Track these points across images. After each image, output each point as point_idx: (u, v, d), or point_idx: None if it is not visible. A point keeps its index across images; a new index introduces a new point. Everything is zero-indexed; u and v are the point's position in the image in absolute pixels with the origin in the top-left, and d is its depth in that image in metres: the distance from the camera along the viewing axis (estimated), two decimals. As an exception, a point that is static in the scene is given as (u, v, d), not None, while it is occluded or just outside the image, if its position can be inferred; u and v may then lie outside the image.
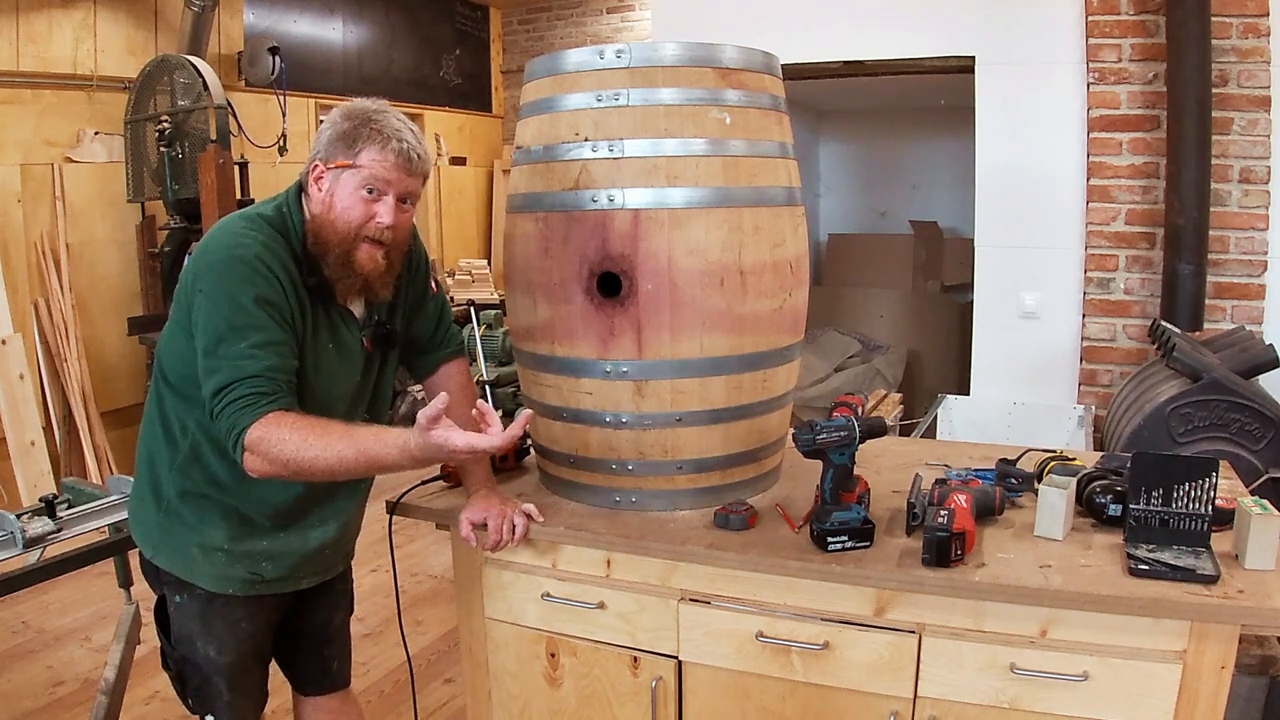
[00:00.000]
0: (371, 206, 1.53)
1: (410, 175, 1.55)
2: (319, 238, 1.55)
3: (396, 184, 1.54)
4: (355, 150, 1.52)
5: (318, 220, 1.55)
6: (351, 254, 1.54)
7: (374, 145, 1.51)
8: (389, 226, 1.54)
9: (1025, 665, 1.47)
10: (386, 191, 1.53)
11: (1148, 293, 3.66)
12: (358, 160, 1.52)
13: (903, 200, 7.13)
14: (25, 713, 2.79)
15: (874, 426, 1.61)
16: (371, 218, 1.53)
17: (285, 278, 1.51)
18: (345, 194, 1.53)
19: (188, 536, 1.64)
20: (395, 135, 1.52)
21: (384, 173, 1.52)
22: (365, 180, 1.52)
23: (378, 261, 1.56)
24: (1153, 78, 3.54)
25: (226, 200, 4.56)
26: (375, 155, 1.51)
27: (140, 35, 5.15)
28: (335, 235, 1.53)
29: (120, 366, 5.05)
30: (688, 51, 1.69)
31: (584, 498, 1.87)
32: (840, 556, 1.58)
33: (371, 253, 1.55)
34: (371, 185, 1.52)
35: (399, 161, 1.52)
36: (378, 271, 1.57)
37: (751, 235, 1.72)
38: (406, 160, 1.53)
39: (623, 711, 1.77)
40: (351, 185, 1.53)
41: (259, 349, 1.44)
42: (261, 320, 1.45)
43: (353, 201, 1.53)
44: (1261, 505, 1.52)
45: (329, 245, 1.54)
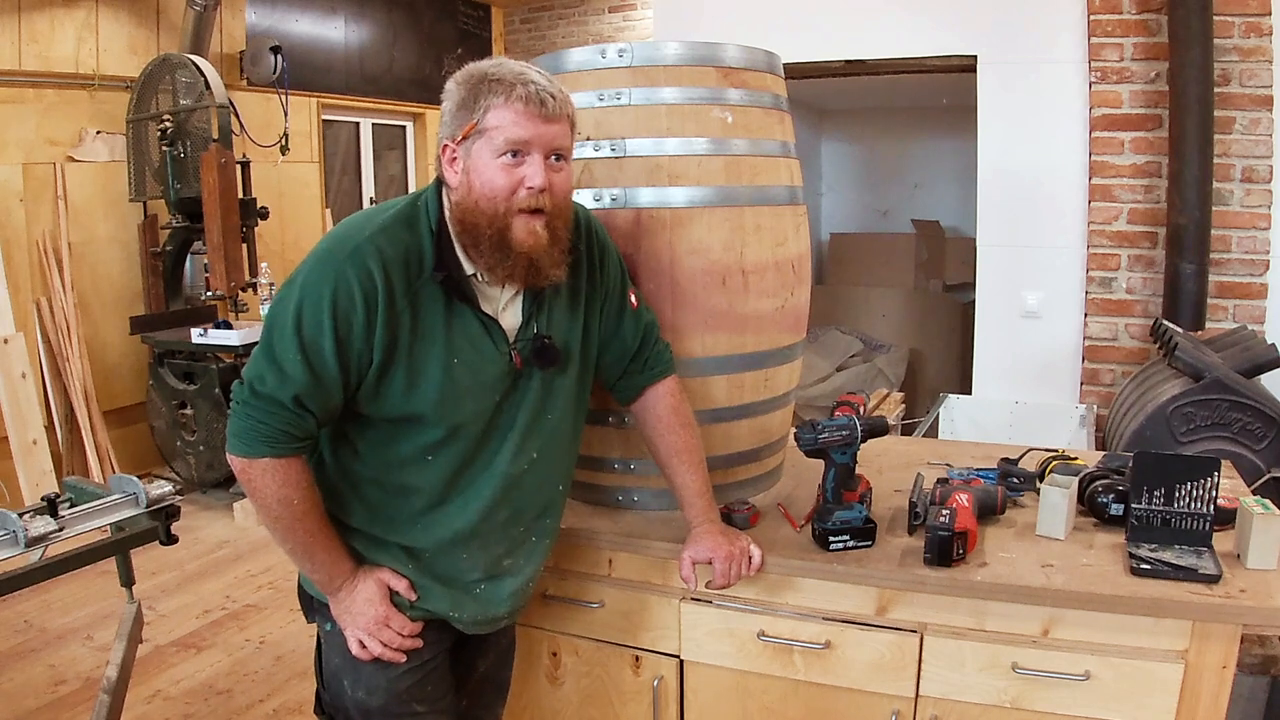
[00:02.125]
0: (515, 172, 1.31)
1: (549, 121, 1.31)
2: (466, 225, 1.33)
3: (536, 138, 1.30)
4: (478, 113, 1.30)
5: (461, 206, 1.33)
6: (506, 232, 1.31)
7: (497, 99, 1.29)
8: (542, 189, 1.31)
9: (1027, 665, 1.47)
10: (528, 150, 1.31)
11: (1149, 292, 3.66)
12: (485, 123, 1.30)
13: (904, 199, 7.13)
14: (27, 712, 2.79)
15: (876, 426, 1.61)
16: (519, 184, 1.31)
17: (382, 289, 1.30)
18: (482, 166, 1.31)
19: None
20: (518, 80, 1.29)
21: (517, 129, 1.29)
22: (500, 144, 1.30)
23: (538, 234, 1.33)
24: (1155, 77, 3.54)
25: (228, 200, 4.56)
26: (502, 111, 1.29)
27: (142, 34, 5.16)
28: (483, 216, 1.31)
29: (122, 365, 5.06)
30: (689, 51, 1.68)
31: (585, 496, 1.87)
32: (842, 556, 1.58)
33: (529, 225, 1.32)
34: (509, 148, 1.30)
35: (530, 110, 1.29)
36: (541, 246, 1.33)
37: (753, 234, 1.72)
38: (540, 105, 1.29)
39: (624, 711, 1.78)
40: (486, 153, 1.31)
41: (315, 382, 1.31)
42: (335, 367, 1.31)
43: (492, 172, 1.30)
44: (1263, 505, 1.52)
45: (479, 229, 1.32)
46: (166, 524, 2.18)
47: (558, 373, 1.48)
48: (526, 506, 1.51)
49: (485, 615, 1.53)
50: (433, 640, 1.51)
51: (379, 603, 1.43)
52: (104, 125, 4.95)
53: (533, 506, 1.52)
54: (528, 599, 1.62)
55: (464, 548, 1.47)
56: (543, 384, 1.46)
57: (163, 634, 3.29)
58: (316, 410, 1.33)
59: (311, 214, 6.18)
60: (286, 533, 1.37)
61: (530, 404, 1.45)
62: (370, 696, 1.48)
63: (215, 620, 3.42)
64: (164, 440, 4.81)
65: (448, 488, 1.44)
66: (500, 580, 1.52)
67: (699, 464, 1.62)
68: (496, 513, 1.47)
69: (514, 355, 1.42)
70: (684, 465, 1.61)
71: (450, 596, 1.49)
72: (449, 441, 1.40)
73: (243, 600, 3.59)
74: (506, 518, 1.49)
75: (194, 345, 4.50)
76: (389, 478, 1.44)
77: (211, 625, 3.38)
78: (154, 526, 2.16)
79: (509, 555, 1.52)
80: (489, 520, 1.47)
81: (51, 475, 4.35)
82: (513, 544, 1.52)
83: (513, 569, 1.53)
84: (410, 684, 1.50)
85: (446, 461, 1.42)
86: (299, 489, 1.35)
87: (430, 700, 1.53)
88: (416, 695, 1.50)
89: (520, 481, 1.48)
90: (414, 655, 1.49)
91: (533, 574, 1.59)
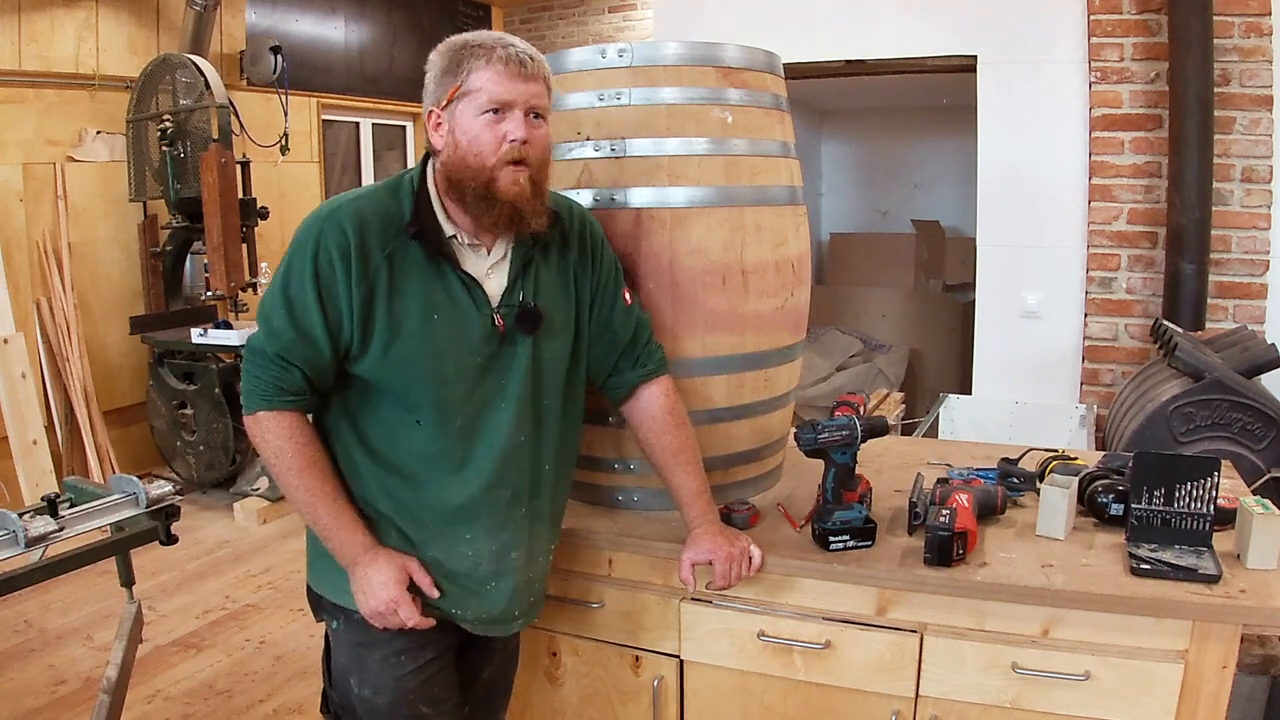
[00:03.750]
0: (499, 127, 1.37)
1: (528, 80, 1.38)
2: (453, 181, 1.40)
3: (517, 95, 1.37)
4: (462, 76, 1.38)
5: (448, 165, 1.40)
6: (492, 184, 1.38)
7: (479, 62, 1.37)
8: (524, 140, 1.38)
9: (1027, 665, 1.47)
10: (510, 107, 1.37)
11: (1149, 292, 3.66)
12: (468, 85, 1.37)
13: (904, 199, 7.13)
14: (27, 711, 2.79)
15: (876, 426, 1.61)
16: (502, 139, 1.37)
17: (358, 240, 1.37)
18: (466, 124, 1.38)
19: None
20: (498, 44, 1.38)
21: (498, 88, 1.36)
22: (483, 103, 1.37)
23: (522, 184, 1.39)
24: (1155, 77, 3.54)
25: (228, 199, 4.56)
26: (484, 72, 1.36)
27: (142, 34, 5.16)
28: (469, 171, 1.38)
29: (122, 365, 5.05)
30: (689, 51, 1.68)
31: (585, 496, 1.87)
32: (842, 556, 1.58)
33: (513, 175, 1.39)
34: (491, 105, 1.37)
35: (510, 69, 1.36)
36: (525, 195, 1.40)
37: (753, 234, 1.72)
38: (520, 65, 1.37)
39: (624, 711, 1.78)
40: (470, 113, 1.38)
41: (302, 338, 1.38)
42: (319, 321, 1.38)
43: (477, 128, 1.38)
44: (1263, 505, 1.52)
45: (465, 184, 1.39)
46: (166, 524, 2.18)
47: (547, 341, 1.50)
48: (525, 485, 1.51)
49: (491, 614, 1.53)
50: (438, 640, 1.51)
51: (392, 586, 1.42)
52: (104, 125, 4.95)
53: (532, 485, 1.52)
54: (538, 603, 1.62)
55: (466, 527, 1.47)
56: (533, 354, 1.48)
57: (163, 634, 3.29)
58: (303, 365, 1.40)
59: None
60: (286, 487, 1.42)
61: (520, 373, 1.47)
62: (376, 695, 1.49)
63: (215, 620, 3.42)
64: (164, 440, 4.81)
65: (442, 457, 1.44)
66: (504, 577, 1.52)
67: (696, 464, 1.62)
68: (498, 489, 1.47)
69: (496, 318, 1.45)
70: (681, 466, 1.61)
71: (454, 593, 1.49)
72: (435, 405, 1.42)
73: (243, 600, 3.59)
74: (509, 498, 1.49)
75: (194, 345, 4.50)
76: (383, 446, 1.45)
77: (211, 625, 3.38)
78: (154, 526, 2.16)
79: (515, 546, 1.52)
80: (490, 498, 1.47)
81: (51, 475, 4.35)
82: (516, 530, 1.51)
83: (517, 564, 1.53)
84: (416, 684, 1.50)
85: (436, 426, 1.43)
86: (292, 442, 1.40)
87: (436, 701, 1.53)
88: (423, 696, 1.51)
89: (517, 456, 1.48)
90: (420, 655, 1.49)
91: (538, 574, 1.59)
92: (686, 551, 1.57)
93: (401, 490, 1.46)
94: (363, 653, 1.50)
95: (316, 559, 1.54)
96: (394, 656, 1.48)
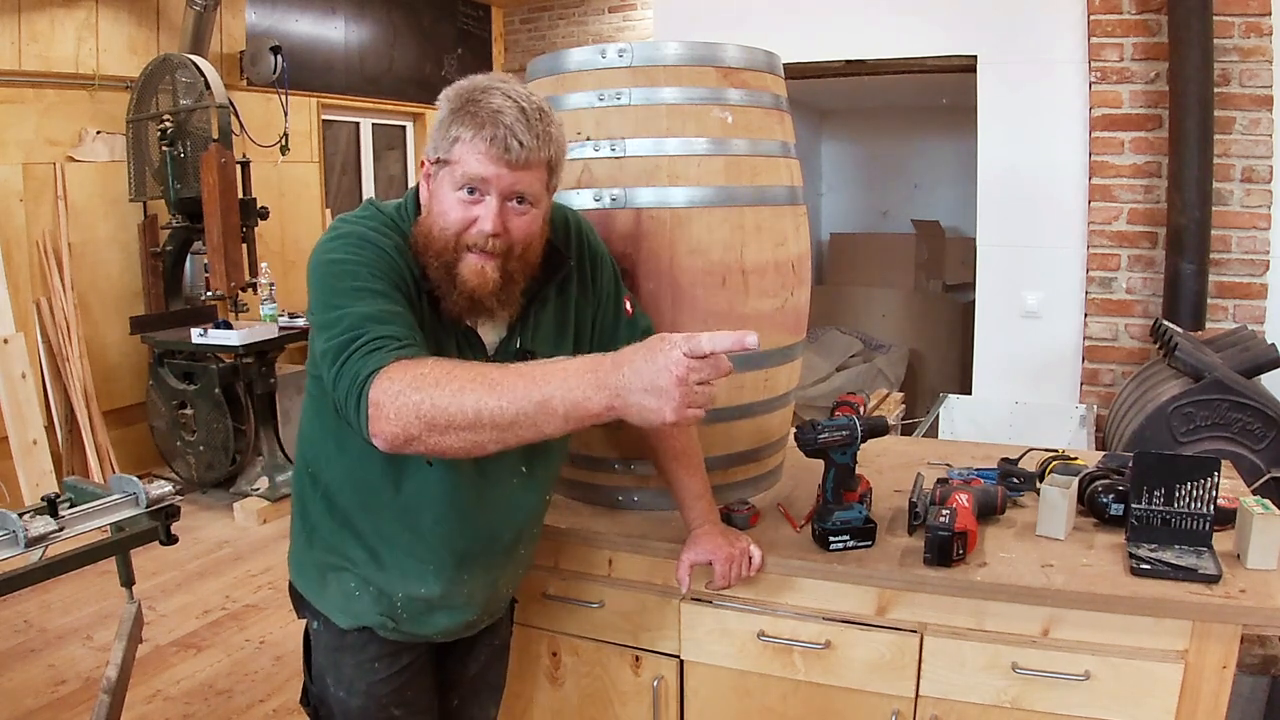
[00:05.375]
0: (471, 209, 1.26)
1: (514, 168, 1.24)
2: (419, 246, 1.30)
3: (496, 179, 1.24)
4: (451, 141, 1.26)
5: (421, 228, 1.30)
6: (454, 267, 1.27)
7: (467, 132, 1.24)
8: (494, 234, 1.25)
9: (1027, 665, 1.47)
10: (486, 191, 1.26)
11: (1149, 292, 3.66)
12: (451, 154, 1.25)
13: (904, 199, 7.13)
14: (27, 711, 2.79)
15: (876, 426, 1.61)
16: (471, 223, 1.26)
17: (402, 262, 1.28)
18: (443, 195, 1.27)
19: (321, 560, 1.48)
20: (492, 119, 1.23)
21: (477, 166, 1.24)
22: (460, 179, 1.25)
23: (485, 275, 1.27)
24: (1155, 77, 3.54)
25: (228, 200, 4.56)
26: (467, 145, 1.24)
27: (142, 34, 5.16)
28: (435, 244, 1.28)
29: (122, 365, 5.05)
30: (689, 51, 1.68)
31: (585, 496, 1.87)
32: (842, 556, 1.58)
33: (478, 264, 1.27)
34: (466, 183, 1.25)
35: (492, 151, 1.23)
36: (486, 287, 1.28)
37: (753, 234, 1.72)
38: (504, 149, 1.23)
39: (624, 711, 1.77)
40: (448, 184, 1.27)
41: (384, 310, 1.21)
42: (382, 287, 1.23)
43: (450, 204, 1.27)
44: (1263, 505, 1.52)
45: (430, 256, 1.28)
46: (166, 524, 2.18)
47: None
48: (527, 525, 1.52)
49: (455, 623, 1.50)
50: (414, 647, 1.51)
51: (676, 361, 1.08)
52: (104, 125, 4.95)
53: (532, 524, 1.53)
54: (502, 600, 1.60)
55: (468, 568, 1.44)
56: None
57: (163, 634, 3.29)
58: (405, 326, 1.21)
59: (311, 214, 6.18)
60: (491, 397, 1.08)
61: None
62: (350, 697, 1.48)
63: (215, 620, 3.42)
64: (164, 440, 4.81)
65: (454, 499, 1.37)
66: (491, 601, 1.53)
67: (698, 465, 1.63)
68: (501, 534, 1.46)
69: None
70: (683, 467, 1.61)
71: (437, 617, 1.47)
72: None
73: (243, 600, 3.60)
74: (510, 540, 1.48)
75: (194, 345, 4.50)
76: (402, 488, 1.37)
77: (211, 625, 3.38)
78: (154, 526, 2.16)
79: (504, 576, 1.53)
80: (494, 542, 1.46)
81: (51, 475, 4.34)
82: (513, 566, 1.53)
83: (502, 585, 1.54)
84: (389, 690, 1.49)
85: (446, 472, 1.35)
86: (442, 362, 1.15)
87: (409, 705, 1.51)
88: (395, 700, 1.49)
89: (517, 500, 1.47)
90: (395, 661, 1.48)
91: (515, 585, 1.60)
92: (686, 552, 1.57)
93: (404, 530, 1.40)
94: (338, 656, 1.48)
95: (300, 556, 1.52)
96: (369, 662, 1.47)
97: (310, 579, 1.51)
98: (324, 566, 1.48)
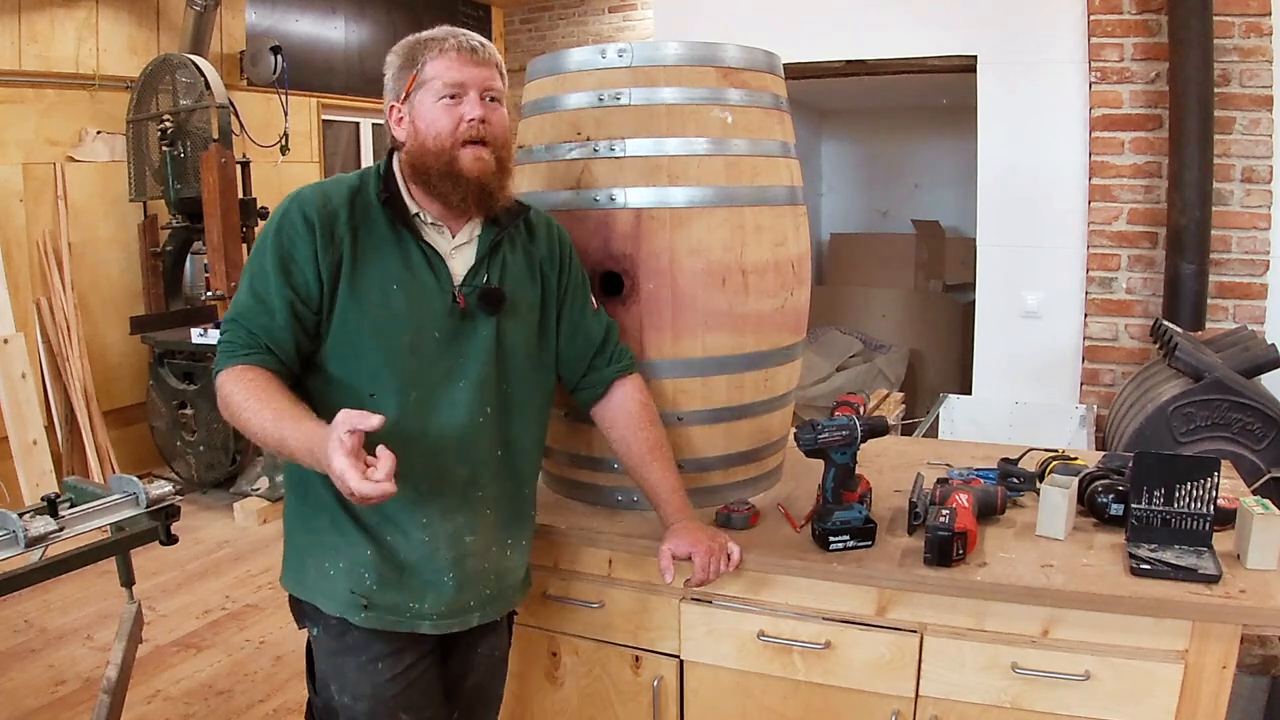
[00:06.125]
0: (455, 110, 1.44)
1: (480, 65, 1.45)
2: (417, 168, 1.46)
3: (471, 80, 1.44)
4: (417, 67, 1.45)
5: (411, 153, 1.46)
6: (455, 164, 1.44)
7: (432, 53, 1.44)
8: (481, 119, 1.44)
9: (1027, 665, 1.47)
10: (465, 90, 1.44)
11: (1150, 292, 3.66)
12: (424, 75, 1.44)
13: (904, 199, 7.13)
14: (27, 711, 2.79)
15: (876, 426, 1.61)
16: (460, 120, 1.44)
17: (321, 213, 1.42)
18: (426, 111, 1.44)
19: (298, 541, 1.52)
20: (449, 35, 1.45)
21: (453, 72, 1.43)
22: (439, 89, 1.43)
23: (485, 161, 1.45)
24: (1155, 77, 3.54)
25: (229, 199, 4.56)
26: (438, 61, 1.43)
27: (142, 34, 5.16)
28: (431, 155, 1.44)
29: (122, 365, 5.06)
30: (689, 51, 1.69)
31: (585, 496, 1.87)
32: (842, 556, 1.58)
33: (475, 153, 1.44)
34: (447, 90, 1.44)
35: (462, 56, 1.44)
36: (489, 171, 1.45)
37: (753, 234, 1.72)
38: (471, 52, 1.44)
39: (624, 711, 1.77)
40: (428, 100, 1.44)
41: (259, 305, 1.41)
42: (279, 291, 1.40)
43: (435, 114, 1.44)
44: (1263, 505, 1.52)
45: (429, 168, 1.44)
46: (166, 524, 2.18)
47: (512, 324, 1.53)
48: (481, 469, 1.51)
49: (448, 605, 1.50)
50: (416, 646, 1.51)
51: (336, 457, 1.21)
52: (104, 125, 4.95)
53: (490, 469, 1.53)
54: (499, 599, 1.58)
55: (421, 509, 1.46)
56: (496, 336, 1.50)
57: (163, 634, 3.29)
58: (258, 330, 1.41)
59: (311, 214, 6.18)
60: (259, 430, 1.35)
61: (481, 353, 1.49)
62: (356, 703, 1.48)
63: (215, 620, 3.42)
64: (164, 440, 4.81)
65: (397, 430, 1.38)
66: (460, 564, 1.50)
67: (671, 461, 1.65)
68: (454, 468, 1.48)
69: (457, 294, 1.47)
70: (657, 462, 1.62)
71: (412, 586, 1.47)
72: (390, 375, 1.43)
73: (243, 600, 3.60)
74: (465, 478, 1.49)
75: (194, 345, 4.50)
76: None
77: (211, 625, 3.38)
78: (154, 526, 2.16)
79: (470, 531, 1.50)
80: (447, 476, 1.47)
81: (51, 475, 4.35)
82: (471, 513, 1.51)
83: (471, 550, 1.51)
84: (395, 691, 1.49)
85: (392, 396, 1.42)
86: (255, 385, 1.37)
87: (416, 709, 1.52)
88: (401, 703, 1.50)
89: (476, 437, 1.49)
90: (398, 661, 1.49)
91: (496, 567, 1.56)
92: (666, 543, 1.57)
93: None
94: (340, 659, 1.49)
95: (289, 560, 1.54)
96: (371, 664, 1.48)
97: (294, 568, 1.53)
98: (302, 551, 1.52)
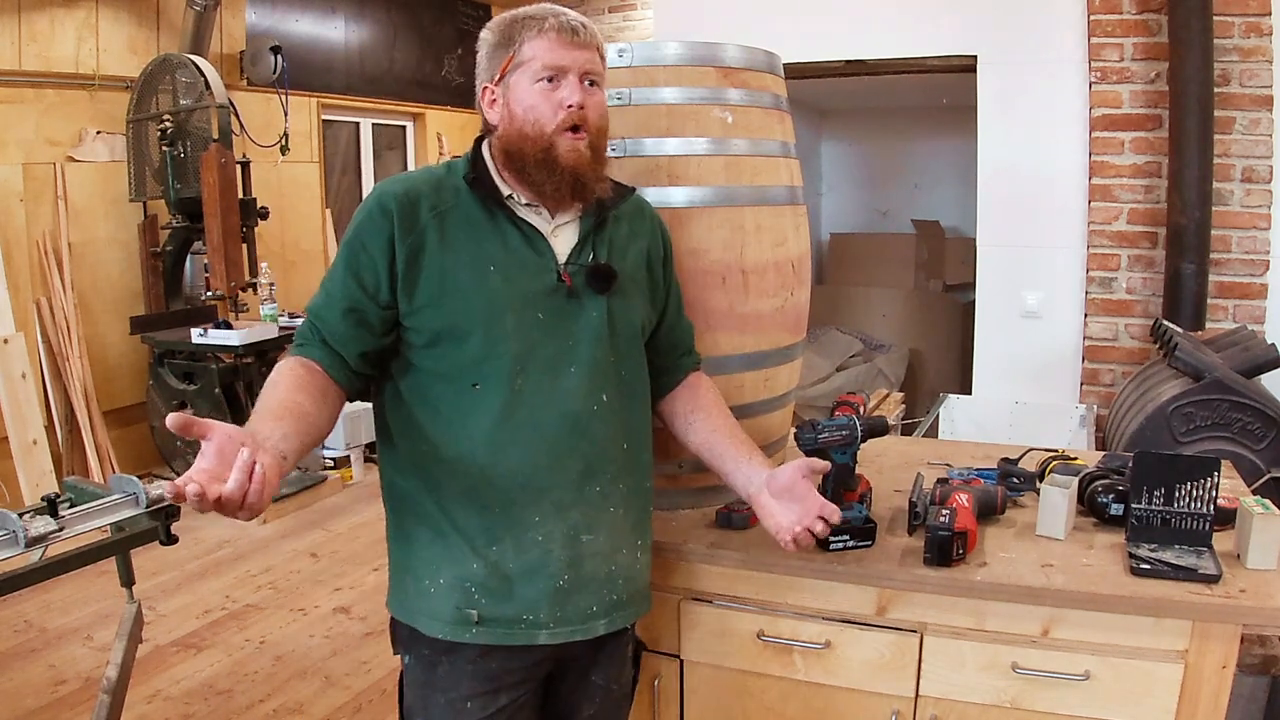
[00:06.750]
0: (554, 95, 1.35)
1: (581, 48, 1.37)
2: (511, 153, 1.38)
3: (571, 62, 1.36)
4: (515, 47, 1.37)
5: (505, 137, 1.39)
6: (551, 150, 1.36)
7: (531, 32, 1.36)
8: (580, 105, 1.36)
9: (1027, 664, 1.47)
10: (564, 74, 1.36)
11: (1150, 292, 3.66)
12: (521, 55, 1.36)
13: (904, 199, 7.13)
14: (27, 711, 2.79)
15: (876, 426, 1.60)
16: (558, 105, 1.35)
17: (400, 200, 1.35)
18: (522, 94, 1.36)
19: (398, 557, 1.42)
20: (550, 14, 1.37)
21: (552, 54, 1.35)
22: (537, 71, 1.35)
23: (580, 151, 1.37)
24: (1155, 77, 3.54)
25: (229, 199, 4.57)
26: (537, 41, 1.35)
27: (142, 34, 5.16)
28: (528, 140, 1.36)
29: (122, 366, 5.05)
30: (689, 51, 1.69)
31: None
32: (842, 556, 1.58)
33: (572, 142, 1.36)
34: (546, 72, 1.35)
35: (562, 37, 1.35)
36: (584, 162, 1.37)
37: (753, 234, 1.72)
38: (572, 33, 1.36)
39: (624, 710, 1.77)
40: (525, 83, 1.36)
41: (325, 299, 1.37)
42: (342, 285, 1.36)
43: (533, 98, 1.36)
44: (1263, 505, 1.52)
45: (525, 153, 1.36)
46: (166, 524, 2.18)
47: (623, 304, 1.44)
48: (600, 461, 1.40)
49: (566, 612, 1.38)
50: (514, 685, 1.40)
51: None
52: (104, 125, 4.95)
53: (608, 462, 1.41)
54: (625, 605, 1.46)
55: (534, 506, 1.35)
56: (608, 317, 1.41)
57: (163, 634, 3.29)
58: (319, 324, 1.37)
59: (311, 214, 6.18)
60: None
61: (592, 335, 1.40)
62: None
63: (215, 620, 3.42)
64: (164, 440, 4.81)
65: (504, 421, 1.33)
66: (577, 565, 1.38)
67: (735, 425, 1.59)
68: (566, 460, 1.37)
69: (562, 273, 1.39)
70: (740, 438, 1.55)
71: (528, 597, 1.36)
72: (494, 361, 1.33)
73: (243, 600, 3.60)
74: (580, 472, 1.38)
75: (194, 345, 4.50)
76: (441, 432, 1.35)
77: (211, 625, 3.38)
78: (154, 526, 2.16)
79: (587, 529, 1.39)
80: (559, 468, 1.36)
81: (51, 475, 4.34)
82: (588, 509, 1.39)
83: (589, 550, 1.39)
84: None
85: (496, 385, 1.34)
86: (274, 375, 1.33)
87: None
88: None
89: (590, 427, 1.38)
90: (491, 702, 1.38)
91: (622, 570, 1.44)
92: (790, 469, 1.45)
93: (464, 475, 1.35)
94: (428, 694, 1.39)
95: (392, 579, 1.45)
96: (460, 702, 1.37)
97: (396, 588, 1.44)
98: (402, 569, 1.42)
